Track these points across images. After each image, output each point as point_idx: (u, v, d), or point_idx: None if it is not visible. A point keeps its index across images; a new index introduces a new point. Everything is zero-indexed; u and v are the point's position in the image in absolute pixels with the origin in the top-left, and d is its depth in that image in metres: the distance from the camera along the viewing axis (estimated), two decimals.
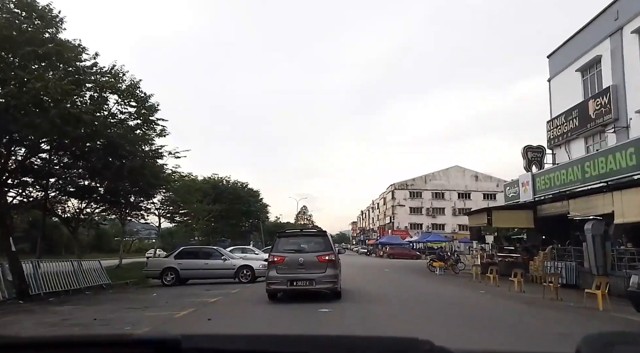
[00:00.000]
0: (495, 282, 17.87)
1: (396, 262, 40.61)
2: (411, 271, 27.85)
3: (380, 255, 57.11)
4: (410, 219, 76.84)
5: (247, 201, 45.83)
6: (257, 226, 57.68)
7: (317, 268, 11.05)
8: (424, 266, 31.47)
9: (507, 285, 16.50)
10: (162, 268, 16.71)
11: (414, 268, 30.14)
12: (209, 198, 43.00)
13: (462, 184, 77.65)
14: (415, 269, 29.50)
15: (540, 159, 24.38)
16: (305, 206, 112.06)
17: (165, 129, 26.06)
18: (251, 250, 27.66)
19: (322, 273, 11.01)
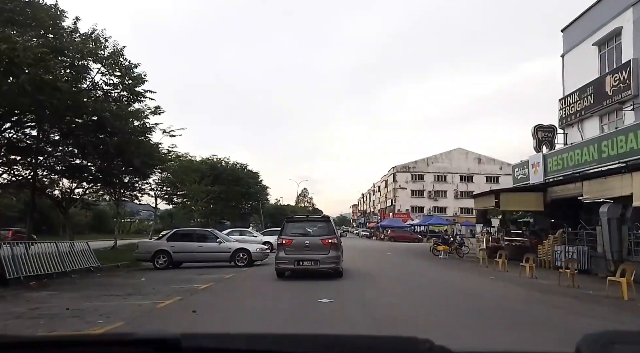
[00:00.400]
0: (504, 267, 16.93)
1: (398, 245, 39.78)
2: (414, 254, 26.96)
3: (382, 237, 56.33)
4: (412, 202, 75.94)
5: (247, 183, 44.80)
6: (257, 209, 56.83)
7: (322, 249, 12.27)
8: (426, 250, 30.56)
9: (516, 271, 15.57)
10: (153, 251, 15.73)
11: (417, 252, 29.24)
12: (208, 179, 42.00)
13: (464, 166, 76.48)
14: (418, 252, 28.61)
15: (551, 139, 23.21)
16: (305, 188, 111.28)
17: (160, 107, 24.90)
18: (250, 233, 26.76)
19: (325, 255, 12.22)
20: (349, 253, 26.71)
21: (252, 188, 45.30)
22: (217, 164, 43.56)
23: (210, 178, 42.22)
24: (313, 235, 12.78)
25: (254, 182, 46.47)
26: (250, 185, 45.28)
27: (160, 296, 9.28)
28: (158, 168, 28.78)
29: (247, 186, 44.58)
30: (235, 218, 53.48)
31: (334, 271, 12.49)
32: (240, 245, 16.51)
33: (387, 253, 27.21)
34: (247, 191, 44.37)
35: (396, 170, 77.26)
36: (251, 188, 45.04)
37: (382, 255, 26.14)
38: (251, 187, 45.14)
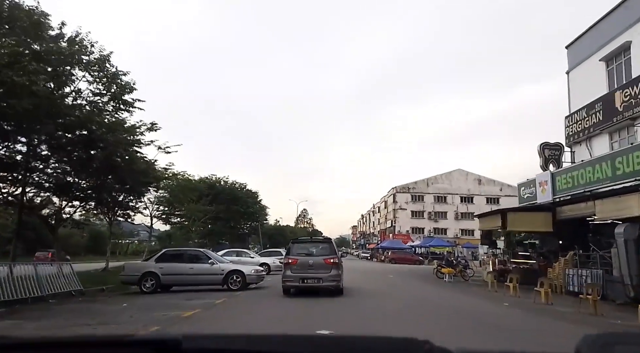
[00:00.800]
0: (516, 292, 15.73)
1: (399, 267, 38.39)
2: (417, 277, 25.68)
3: (382, 259, 54.85)
4: (412, 223, 74.65)
5: (245, 203, 43.70)
6: (256, 229, 55.56)
7: (324, 268, 13.15)
8: (429, 273, 29.28)
9: (528, 296, 14.45)
10: (140, 273, 14.52)
11: (420, 275, 27.95)
12: (206, 198, 40.97)
13: (464, 187, 75.50)
14: (421, 275, 27.32)
15: (558, 157, 22.29)
16: (305, 209, 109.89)
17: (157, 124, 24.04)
18: (247, 253, 25.54)
19: (328, 273, 13.10)
20: (350, 275, 25.52)
21: (251, 208, 44.15)
22: (216, 184, 42.57)
23: (208, 198, 41.18)
24: (316, 255, 13.68)
25: (252, 202, 45.35)
26: (249, 205, 44.15)
27: (136, 325, 8.13)
28: (154, 186, 27.84)
29: (246, 206, 43.45)
30: (234, 239, 52.18)
31: (335, 289, 13.29)
32: (234, 266, 15.29)
33: (389, 276, 25.94)
34: (245, 210, 43.20)
35: (396, 191, 76.23)
36: (250, 208, 43.88)
37: (384, 277, 24.88)
38: (250, 207, 43.99)
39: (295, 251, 13.92)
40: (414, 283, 21.40)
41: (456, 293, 17.09)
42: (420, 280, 23.70)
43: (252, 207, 44.22)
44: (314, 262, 13.31)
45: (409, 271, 31.40)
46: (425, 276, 26.46)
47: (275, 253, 29.97)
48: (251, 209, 43.89)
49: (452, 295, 16.03)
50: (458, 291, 17.88)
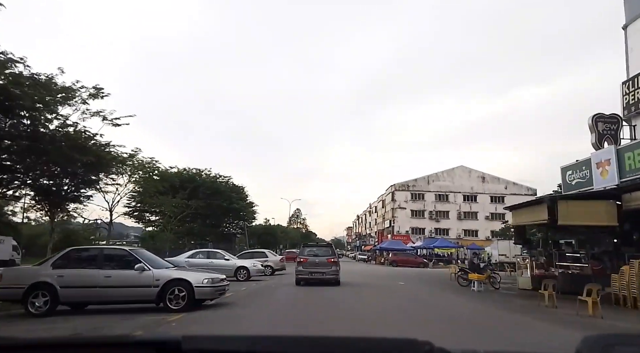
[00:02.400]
0: (595, 311, 10.60)
1: (404, 271, 33.22)
2: (433, 284, 20.51)
3: (382, 262, 49.66)
4: (412, 223, 69.61)
5: (229, 198, 38.34)
6: (244, 228, 50.19)
7: (327, 265, 17.32)
8: (443, 277, 24.16)
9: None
10: (26, 285, 9.19)
11: (435, 280, 22.77)
12: (183, 192, 35.62)
13: (467, 185, 70.57)
14: (436, 281, 22.15)
15: (615, 132, 17.28)
16: (298, 209, 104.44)
17: (103, 89, 18.84)
18: (220, 255, 20.26)
19: (329, 269, 17.28)
20: (351, 278, 20.63)
21: (236, 204, 38.75)
22: (196, 177, 37.20)
23: (186, 192, 35.84)
24: (321, 256, 17.47)
25: (237, 197, 39.95)
26: (233, 200, 38.75)
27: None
28: (111, 173, 22.57)
29: (229, 201, 38.04)
30: (218, 239, 46.85)
31: (334, 281, 17.04)
32: (178, 274, 9.89)
33: (398, 283, 20.72)
34: (229, 206, 37.80)
35: (395, 188, 71.17)
36: (234, 204, 38.47)
37: (393, 284, 19.71)
38: (234, 202, 38.60)
39: (305, 252, 18.08)
40: (436, 293, 16.23)
41: (501, 309, 12.01)
42: (439, 287, 18.54)
43: (237, 203, 38.81)
44: (319, 261, 17.23)
45: (418, 276, 26.22)
46: (442, 282, 21.32)
47: (258, 254, 24.75)
48: (235, 205, 38.49)
49: (501, 314, 10.89)
50: (501, 307, 12.73)
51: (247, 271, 19.76)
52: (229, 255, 20.89)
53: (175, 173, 36.29)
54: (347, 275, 22.52)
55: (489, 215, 69.13)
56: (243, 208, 40.96)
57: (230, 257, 20.54)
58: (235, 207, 38.28)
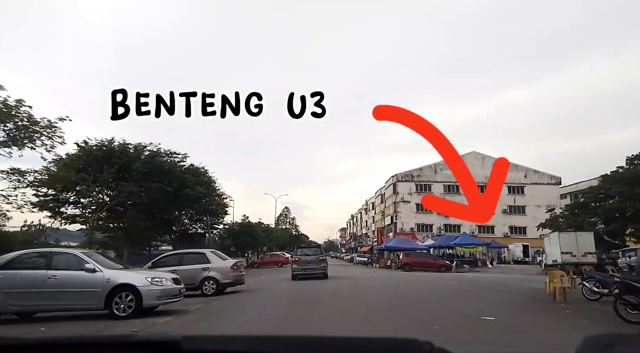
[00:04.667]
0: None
1: (427, 278, 22.36)
2: (524, 307, 9.44)
3: (387, 264, 38.59)
4: (418, 219, 58.83)
5: (180, 180, 27.02)
6: (210, 225, 38.89)
7: (316, 263, 20.65)
8: (519, 290, 13.30)
9: None
10: None
11: (518, 299, 11.77)
12: (109, 171, 24.39)
13: (481, 174, 59.44)
14: (521, 301, 11.14)
15: None
16: (287, 208, 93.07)
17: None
18: (75, 261, 8.96)
19: (319, 266, 20.65)
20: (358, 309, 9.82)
21: (191, 189, 27.34)
22: (127, 150, 25.87)
23: (112, 170, 24.59)
24: (311, 255, 21.15)
25: (194, 180, 28.54)
26: (187, 184, 27.37)
27: None
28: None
29: (179, 185, 26.63)
30: (183, 240, 35.51)
31: (323, 275, 20.52)
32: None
33: (486, 317, 9.38)
34: (178, 192, 26.41)
35: (397, 179, 60.35)
36: (188, 188, 27.05)
37: (476, 323, 8.52)
38: (188, 187, 27.22)
39: (299, 252, 21.78)
40: None
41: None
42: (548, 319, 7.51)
43: (193, 188, 27.45)
44: (310, 259, 20.76)
45: (472, 291, 15.19)
46: (530, 301, 10.36)
47: (191, 259, 13.50)
48: (190, 191, 27.11)
49: None
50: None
51: (134, 296, 8.59)
52: (94, 263, 9.48)
53: (96, 147, 24.97)
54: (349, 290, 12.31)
55: (506, 208, 58.57)
56: (203, 196, 29.58)
57: (99, 267, 9.29)
58: (189, 193, 26.90)
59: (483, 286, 16.77)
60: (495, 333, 7.12)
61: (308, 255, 20.92)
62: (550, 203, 58.55)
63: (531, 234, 57.53)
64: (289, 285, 17.30)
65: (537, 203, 58.29)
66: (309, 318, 8.74)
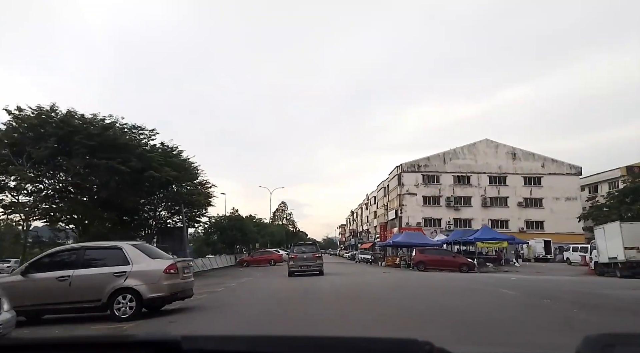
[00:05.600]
0: None
1: (460, 280, 16.85)
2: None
3: (396, 263, 33.08)
4: (425, 213, 53.35)
5: (146, 162, 21.36)
6: (192, 218, 33.36)
7: (312, 260, 20.76)
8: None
9: None
10: None
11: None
12: (46, 145, 18.91)
13: (494, 164, 54.45)
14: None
15: None
16: (284, 202, 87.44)
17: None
18: None
19: (314, 262, 20.70)
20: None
21: (156, 171, 21.64)
22: (73, 120, 20.20)
23: (50, 143, 19.05)
24: (308, 252, 21.26)
25: (161, 161, 22.88)
26: (153, 165, 21.71)
27: None
28: None
29: (143, 166, 20.94)
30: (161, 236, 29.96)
31: (319, 272, 20.48)
32: None
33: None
34: (139, 175, 20.74)
35: (402, 169, 54.83)
36: (151, 170, 21.32)
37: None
38: (153, 168, 21.53)
39: (295, 249, 21.75)
40: None
41: None
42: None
43: (159, 170, 21.75)
44: (306, 256, 20.84)
45: (548, 301, 9.58)
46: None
47: (96, 254, 7.89)
48: (155, 173, 21.43)
49: None
50: None
51: None
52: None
53: (33, 115, 19.33)
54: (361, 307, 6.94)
55: (522, 201, 53.14)
56: (174, 180, 23.94)
57: None
58: (153, 176, 21.23)
59: (556, 296, 11.19)
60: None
61: (304, 252, 21.30)
62: (570, 195, 53.18)
63: (549, 228, 52.19)
64: (272, 298, 11.71)
65: (556, 194, 52.94)
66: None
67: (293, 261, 20.78)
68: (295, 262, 20.58)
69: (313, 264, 20.46)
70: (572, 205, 52.43)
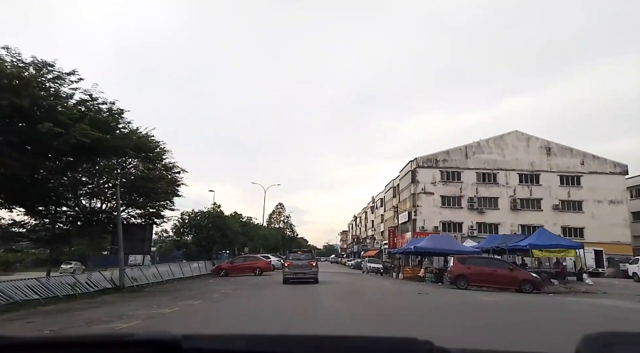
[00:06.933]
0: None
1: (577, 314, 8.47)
2: None
3: (419, 275, 24.69)
4: (443, 216, 44.93)
5: (56, 121, 13.19)
6: (152, 214, 25.21)
7: (308, 267, 20.43)
8: None
9: None
10: None
11: None
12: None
13: (525, 160, 46.13)
14: None
15: None
16: (281, 203, 79.01)
17: None
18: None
19: (310, 270, 20.41)
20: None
21: (59, 117, 13.26)
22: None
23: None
24: (303, 260, 20.99)
25: (76, 115, 14.65)
26: (52, 111, 13.49)
27: None
28: None
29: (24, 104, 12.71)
30: (117, 236, 21.74)
31: (314, 280, 20.30)
32: None
33: None
34: (54, 139, 12.55)
35: (417, 165, 46.49)
36: (57, 117, 13.06)
37: None
38: (55, 119, 13.29)
39: (290, 257, 21.70)
40: None
41: None
42: None
43: (68, 124, 13.61)
44: (301, 263, 20.52)
45: None
46: None
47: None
48: (55, 128, 13.21)
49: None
50: None
51: None
52: None
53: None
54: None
55: (558, 204, 44.69)
56: (96, 143, 15.66)
57: None
58: (51, 130, 12.97)
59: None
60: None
61: (300, 259, 21.03)
62: (615, 198, 44.58)
63: (590, 236, 43.65)
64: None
65: (598, 197, 44.51)
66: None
67: (288, 268, 20.53)
68: (291, 269, 20.32)
69: (308, 271, 20.27)
70: (617, 209, 44.10)
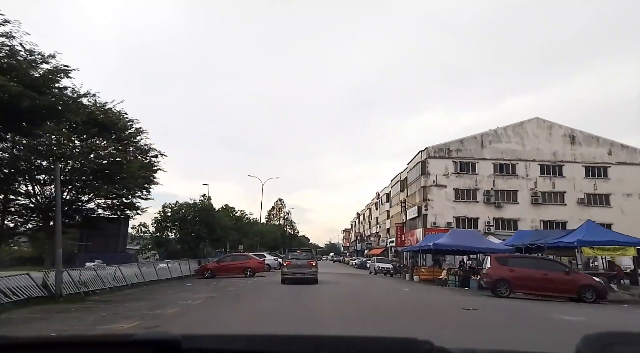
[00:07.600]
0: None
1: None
2: None
3: (440, 277, 20.67)
4: (457, 210, 40.82)
5: None
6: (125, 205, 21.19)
7: (307, 267, 19.75)
8: None
9: None
10: None
11: None
12: None
13: (547, 149, 41.94)
14: None
15: None
16: (281, 199, 74.97)
17: None
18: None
19: (309, 270, 19.70)
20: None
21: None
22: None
23: None
24: (303, 259, 20.24)
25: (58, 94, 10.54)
26: None
27: None
28: None
29: None
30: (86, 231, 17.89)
31: (314, 280, 19.47)
32: None
33: None
34: None
35: (428, 155, 42.35)
36: None
37: None
38: None
39: (290, 256, 20.90)
40: None
41: None
42: None
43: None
44: (301, 263, 19.87)
45: None
46: None
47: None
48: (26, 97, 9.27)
49: None
50: None
51: None
52: None
53: None
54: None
55: (583, 197, 40.52)
56: (48, 108, 11.73)
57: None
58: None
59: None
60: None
61: (299, 259, 20.36)
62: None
63: None
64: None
65: (627, 190, 40.30)
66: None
67: (287, 268, 20.00)
68: (289, 269, 19.78)
69: (307, 271, 19.66)
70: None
